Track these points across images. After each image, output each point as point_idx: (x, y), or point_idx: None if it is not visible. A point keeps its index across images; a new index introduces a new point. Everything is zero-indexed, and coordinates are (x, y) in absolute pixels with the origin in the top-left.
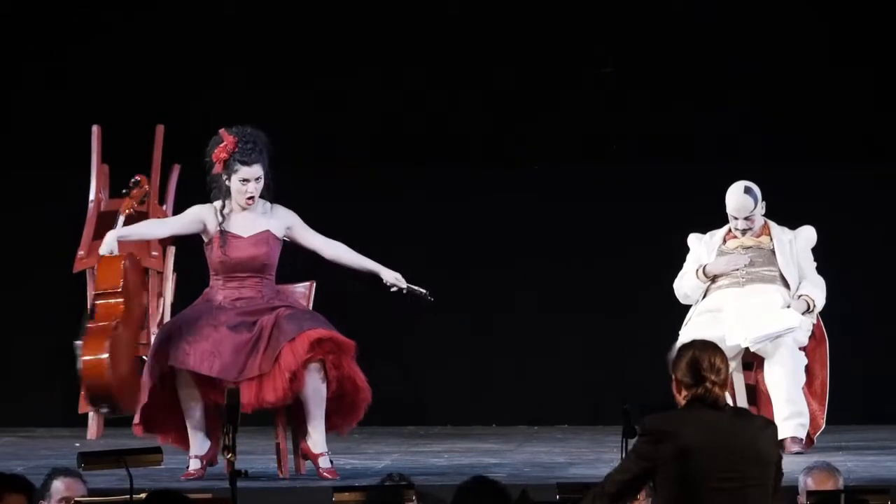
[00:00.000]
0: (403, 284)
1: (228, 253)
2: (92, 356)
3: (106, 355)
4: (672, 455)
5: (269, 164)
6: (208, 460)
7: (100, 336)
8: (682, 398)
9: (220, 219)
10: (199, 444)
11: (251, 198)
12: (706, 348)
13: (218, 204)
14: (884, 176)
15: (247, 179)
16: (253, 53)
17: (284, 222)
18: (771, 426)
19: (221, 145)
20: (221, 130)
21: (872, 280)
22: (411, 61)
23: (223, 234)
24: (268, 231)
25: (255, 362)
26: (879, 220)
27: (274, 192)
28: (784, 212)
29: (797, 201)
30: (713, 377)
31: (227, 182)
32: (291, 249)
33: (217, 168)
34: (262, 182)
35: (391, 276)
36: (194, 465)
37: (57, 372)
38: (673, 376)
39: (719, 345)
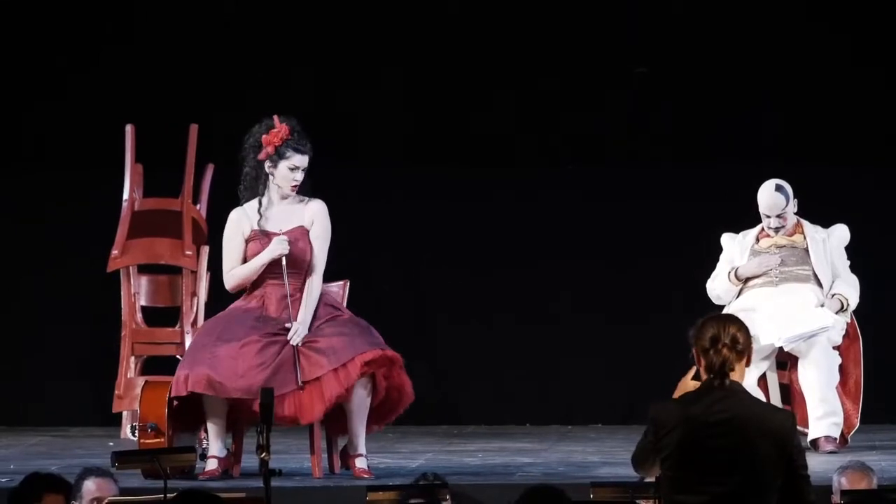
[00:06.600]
0: (295, 342)
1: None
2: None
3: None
4: (672, 444)
5: None
6: (225, 466)
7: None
8: (702, 368)
9: (258, 217)
10: (218, 448)
11: (296, 185)
12: (728, 321)
13: (251, 205)
14: None
15: (297, 167)
16: (286, 53)
17: (311, 217)
18: (782, 420)
19: (274, 131)
20: (275, 117)
21: None
22: (436, 61)
23: (261, 232)
24: (302, 226)
25: (290, 377)
26: None
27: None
28: (816, 211)
29: (828, 201)
30: (726, 352)
31: (270, 169)
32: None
33: (264, 153)
34: (305, 173)
35: (295, 333)
36: (211, 464)
37: (91, 371)
38: (693, 349)
39: (754, 343)
